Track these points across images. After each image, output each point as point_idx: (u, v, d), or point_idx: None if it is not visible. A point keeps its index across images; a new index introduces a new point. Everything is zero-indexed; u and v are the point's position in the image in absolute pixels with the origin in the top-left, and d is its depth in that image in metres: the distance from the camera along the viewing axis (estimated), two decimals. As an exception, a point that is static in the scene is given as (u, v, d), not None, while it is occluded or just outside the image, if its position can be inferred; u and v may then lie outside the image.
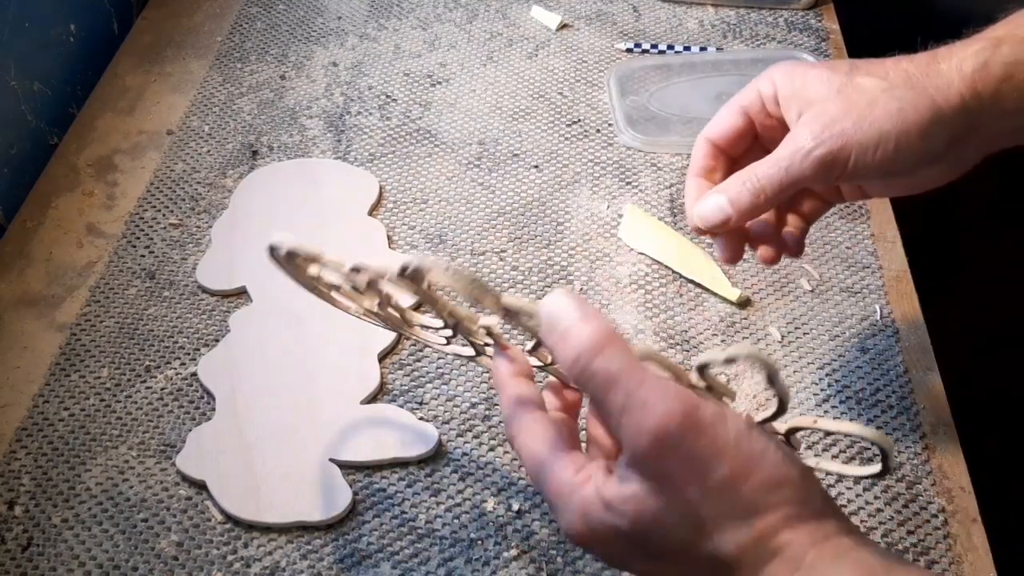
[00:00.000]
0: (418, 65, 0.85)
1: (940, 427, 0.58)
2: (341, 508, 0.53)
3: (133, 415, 0.59)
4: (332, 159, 0.76)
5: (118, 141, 0.79)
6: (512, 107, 0.81)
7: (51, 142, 0.80)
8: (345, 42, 0.88)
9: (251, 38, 0.89)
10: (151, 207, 0.73)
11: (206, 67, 0.85)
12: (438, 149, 0.77)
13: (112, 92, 0.83)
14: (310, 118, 0.80)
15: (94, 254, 0.69)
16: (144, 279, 0.67)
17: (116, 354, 0.62)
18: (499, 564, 0.52)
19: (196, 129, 0.79)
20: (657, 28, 0.88)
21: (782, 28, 0.88)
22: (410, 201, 0.73)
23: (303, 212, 0.71)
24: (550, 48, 0.87)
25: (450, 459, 0.56)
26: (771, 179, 0.46)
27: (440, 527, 0.53)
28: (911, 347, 0.62)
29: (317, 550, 0.53)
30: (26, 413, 0.59)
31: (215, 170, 0.75)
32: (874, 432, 0.38)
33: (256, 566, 0.52)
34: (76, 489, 0.55)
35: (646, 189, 0.73)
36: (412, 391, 0.60)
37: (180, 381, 0.61)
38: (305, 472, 0.55)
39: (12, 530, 0.54)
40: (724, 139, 0.50)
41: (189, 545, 0.53)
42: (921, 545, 0.52)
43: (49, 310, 0.66)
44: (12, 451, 0.57)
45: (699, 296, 0.65)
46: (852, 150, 0.44)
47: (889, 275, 0.66)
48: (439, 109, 0.81)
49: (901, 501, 0.54)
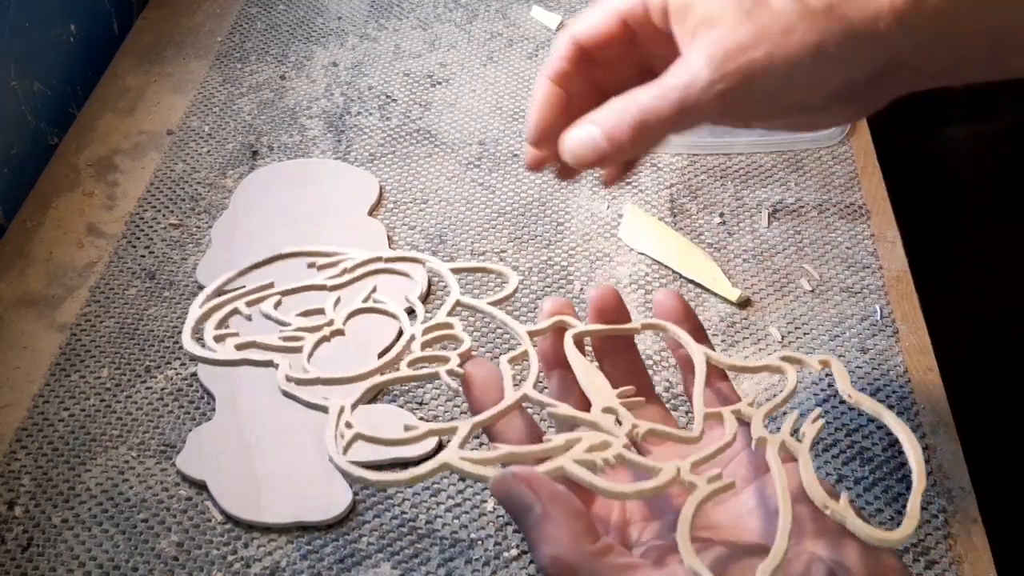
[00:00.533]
0: (418, 65, 0.85)
1: (940, 427, 0.58)
2: (341, 508, 0.53)
3: (133, 415, 0.59)
4: (332, 159, 0.76)
5: (118, 141, 0.79)
6: (512, 107, 0.81)
7: (51, 142, 0.80)
8: (345, 42, 0.88)
9: (251, 38, 0.89)
10: (151, 207, 0.73)
11: (206, 67, 0.85)
12: (438, 149, 0.77)
13: (112, 92, 0.83)
14: (310, 118, 0.80)
15: (94, 254, 0.69)
16: (144, 279, 0.67)
17: (116, 354, 0.62)
18: (499, 564, 0.52)
19: (196, 129, 0.79)
20: (657, 28, 0.88)
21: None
22: (410, 201, 0.73)
23: (303, 212, 0.71)
24: (550, 48, 0.87)
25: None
26: (657, 113, 0.38)
27: (440, 527, 0.53)
28: (911, 347, 0.62)
29: (317, 550, 0.53)
30: (26, 413, 0.59)
31: (215, 170, 0.75)
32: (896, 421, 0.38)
33: (256, 566, 0.52)
34: (76, 489, 0.55)
35: (646, 189, 0.73)
36: (412, 391, 0.60)
37: (180, 381, 0.61)
38: (305, 472, 0.55)
39: (12, 530, 0.54)
40: (592, 41, 0.41)
41: (189, 545, 0.53)
42: (921, 545, 0.52)
43: (49, 310, 0.66)
44: (12, 451, 0.57)
45: (699, 296, 0.65)
46: (760, 87, 0.37)
47: (889, 275, 0.66)
48: (439, 109, 0.81)
49: (901, 501, 0.54)
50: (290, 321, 0.42)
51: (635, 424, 0.37)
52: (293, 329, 0.41)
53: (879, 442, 0.57)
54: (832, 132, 0.76)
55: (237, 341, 0.40)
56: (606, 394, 0.39)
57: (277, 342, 0.41)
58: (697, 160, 0.75)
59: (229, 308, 0.42)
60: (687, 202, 0.72)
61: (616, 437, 0.36)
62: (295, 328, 0.41)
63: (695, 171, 0.74)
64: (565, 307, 0.43)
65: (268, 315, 0.41)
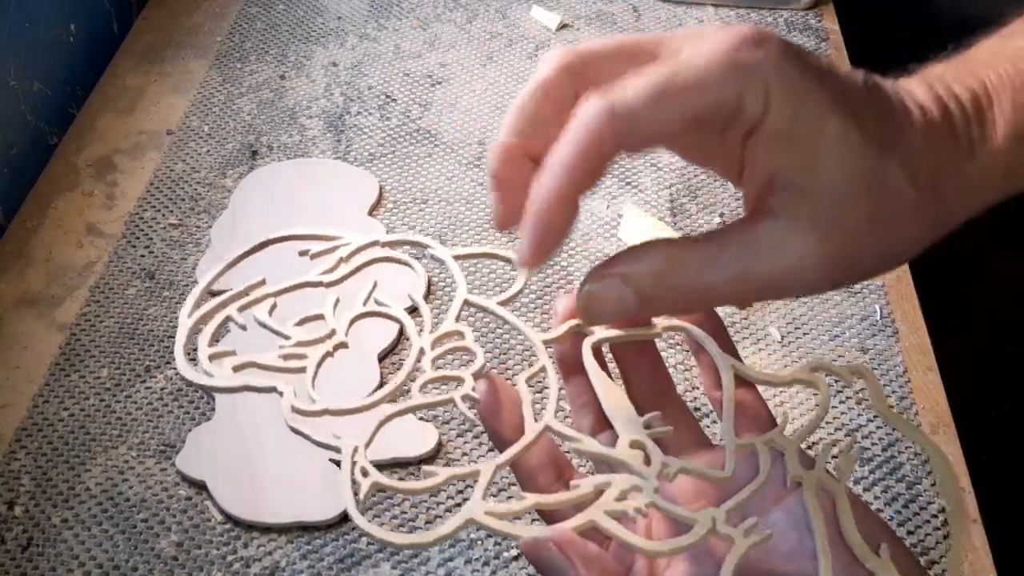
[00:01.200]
0: (418, 65, 0.85)
1: (940, 427, 0.58)
2: (341, 508, 0.53)
3: (133, 415, 0.59)
4: (332, 159, 0.76)
5: (118, 141, 0.79)
6: (512, 107, 0.81)
7: (51, 142, 0.80)
8: (345, 42, 0.88)
9: (251, 38, 0.89)
10: (151, 207, 0.73)
11: (206, 67, 0.85)
12: (438, 149, 0.77)
13: (112, 92, 0.83)
14: (310, 118, 0.80)
15: (94, 254, 0.69)
16: (144, 279, 0.67)
17: (116, 354, 0.62)
18: (499, 564, 0.52)
19: (196, 129, 0.79)
20: (657, 28, 0.88)
21: (782, 28, 0.87)
22: (410, 201, 0.73)
23: (303, 212, 0.71)
24: (550, 48, 0.87)
25: (450, 459, 0.56)
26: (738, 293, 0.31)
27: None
28: (911, 347, 0.62)
29: (317, 550, 0.53)
30: (26, 413, 0.59)
31: (215, 170, 0.75)
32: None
33: (256, 566, 0.52)
34: (76, 489, 0.55)
35: (646, 189, 0.73)
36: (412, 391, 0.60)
37: (180, 381, 0.61)
38: (305, 472, 0.55)
39: (12, 530, 0.54)
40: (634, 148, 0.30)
41: (189, 545, 0.53)
42: (921, 545, 0.52)
43: (49, 310, 0.66)
44: (12, 451, 0.57)
45: (699, 296, 0.65)
46: (860, 274, 0.32)
47: (889, 275, 0.66)
48: (439, 109, 0.81)
49: (901, 501, 0.54)
50: (288, 333, 0.40)
51: (665, 463, 0.35)
52: (293, 344, 0.40)
53: (879, 442, 0.57)
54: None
55: (235, 362, 0.39)
56: (632, 424, 0.37)
57: (277, 361, 0.39)
58: (697, 160, 0.75)
59: (221, 317, 0.40)
60: (687, 202, 0.72)
61: (646, 479, 0.35)
62: (294, 343, 0.40)
63: (695, 171, 0.74)
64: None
65: (264, 324, 0.40)
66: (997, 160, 0.32)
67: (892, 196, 0.30)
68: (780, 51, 0.29)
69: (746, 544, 0.34)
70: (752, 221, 0.31)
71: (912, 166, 0.31)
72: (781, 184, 0.30)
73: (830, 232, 0.30)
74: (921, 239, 0.32)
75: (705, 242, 0.31)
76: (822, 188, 0.30)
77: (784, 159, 0.30)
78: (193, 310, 0.41)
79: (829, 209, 0.30)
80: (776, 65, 0.29)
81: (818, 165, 0.29)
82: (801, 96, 0.29)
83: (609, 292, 0.32)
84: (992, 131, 0.32)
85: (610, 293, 0.32)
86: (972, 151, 0.32)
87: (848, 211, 0.30)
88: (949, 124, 0.32)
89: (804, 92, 0.29)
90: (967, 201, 0.32)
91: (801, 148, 0.29)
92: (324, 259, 0.43)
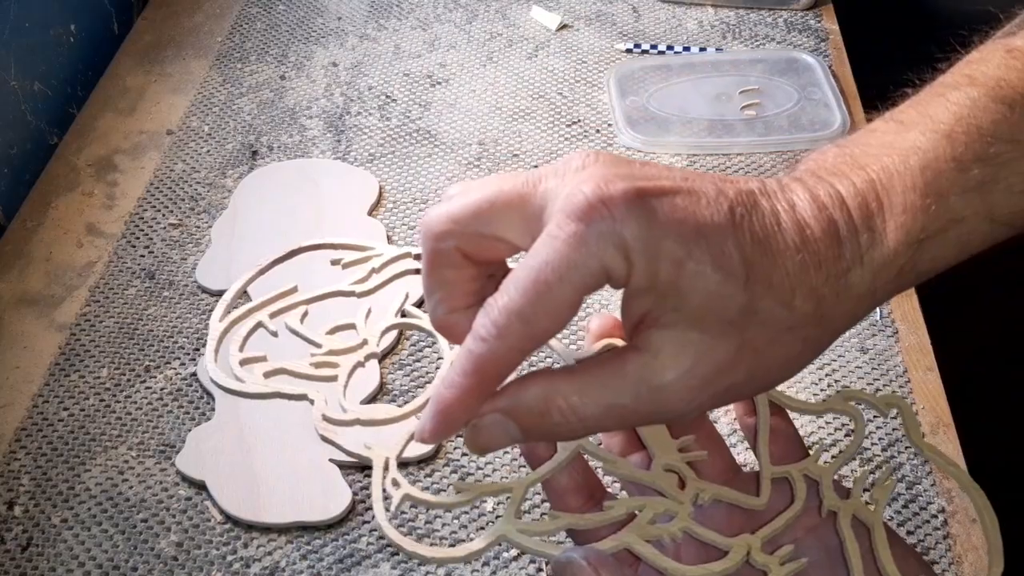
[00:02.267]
0: (418, 65, 0.85)
1: (940, 427, 0.58)
2: (341, 508, 0.53)
3: (133, 415, 0.59)
4: (332, 159, 0.76)
5: (118, 141, 0.79)
6: (512, 107, 0.81)
7: (51, 142, 0.80)
8: (345, 42, 0.88)
9: (251, 38, 0.89)
10: (151, 207, 0.73)
11: (206, 67, 0.85)
12: (438, 149, 0.77)
13: (112, 92, 0.83)
14: (310, 118, 0.80)
15: (94, 254, 0.69)
16: (144, 279, 0.67)
17: (116, 354, 0.62)
18: (499, 564, 0.52)
19: (196, 129, 0.79)
20: (657, 29, 0.88)
21: (781, 29, 0.88)
22: (410, 201, 0.73)
23: (303, 212, 0.71)
24: (550, 48, 0.87)
25: (450, 459, 0.56)
26: (599, 422, 0.32)
27: (440, 527, 0.53)
28: (911, 347, 0.62)
29: (317, 550, 0.53)
30: (26, 413, 0.59)
31: (215, 170, 0.75)
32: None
33: (256, 566, 0.52)
34: (76, 489, 0.55)
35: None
36: (412, 391, 0.60)
37: (180, 381, 0.61)
38: (305, 472, 0.55)
39: (12, 530, 0.54)
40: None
41: (189, 545, 0.53)
42: (921, 545, 0.52)
43: (49, 310, 0.66)
44: (12, 451, 0.57)
45: (699, 296, 0.65)
46: (732, 397, 0.33)
47: (889, 275, 0.66)
48: (439, 109, 0.81)
49: (901, 501, 0.54)
50: (320, 341, 0.40)
51: (700, 489, 0.36)
52: (324, 352, 0.40)
53: (879, 442, 0.57)
54: (833, 131, 0.76)
55: (265, 368, 0.39)
56: (667, 447, 0.37)
57: (308, 369, 0.39)
58: (697, 160, 0.75)
59: (252, 322, 0.40)
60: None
61: (681, 503, 0.35)
62: (326, 351, 0.40)
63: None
64: (615, 327, 0.38)
65: (295, 331, 0.40)
66: (888, 264, 0.32)
67: (764, 324, 0.31)
68: (626, 204, 0.30)
69: (782, 573, 0.34)
70: (625, 353, 0.32)
71: (786, 292, 0.31)
72: (649, 323, 0.31)
73: (699, 364, 0.31)
74: (804, 355, 0.33)
75: (581, 373, 0.32)
76: (688, 325, 0.31)
77: (651, 305, 0.31)
78: (224, 315, 0.41)
79: (698, 344, 0.31)
80: (624, 223, 0.29)
81: (682, 306, 0.30)
82: (655, 250, 0.30)
83: (494, 428, 0.33)
84: (882, 238, 0.32)
85: (495, 429, 0.33)
86: (860, 259, 0.32)
87: (717, 343, 0.31)
88: (834, 238, 0.31)
89: (657, 244, 0.30)
90: (854, 310, 0.32)
91: (664, 295, 0.30)
92: (355, 269, 0.43)
